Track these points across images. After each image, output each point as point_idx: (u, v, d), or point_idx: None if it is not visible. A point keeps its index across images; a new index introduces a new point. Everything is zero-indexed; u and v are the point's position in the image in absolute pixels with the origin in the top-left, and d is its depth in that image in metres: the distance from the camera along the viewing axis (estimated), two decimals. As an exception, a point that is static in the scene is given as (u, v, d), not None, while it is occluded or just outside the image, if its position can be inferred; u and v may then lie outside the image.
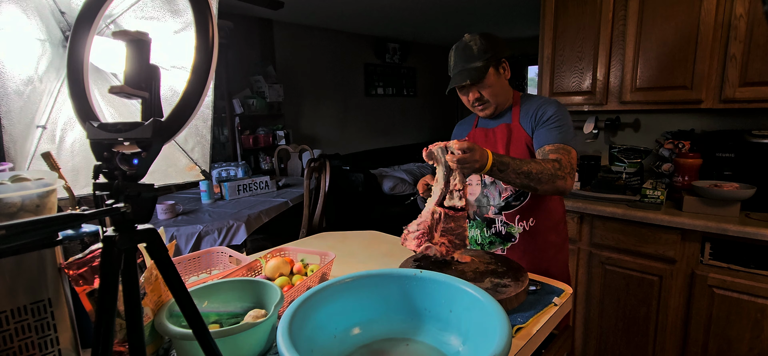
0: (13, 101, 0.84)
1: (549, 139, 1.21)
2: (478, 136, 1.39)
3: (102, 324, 0.51)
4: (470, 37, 1.27)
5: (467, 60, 1.25)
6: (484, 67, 1.23)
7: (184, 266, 1.15)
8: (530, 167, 1.08)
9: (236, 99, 4.18)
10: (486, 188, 1.35)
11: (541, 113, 1.26)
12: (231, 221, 2.39)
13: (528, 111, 1.30)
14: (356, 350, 0.82)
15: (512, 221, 1.32)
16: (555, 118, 1.23)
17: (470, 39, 1.26)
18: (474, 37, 1.26)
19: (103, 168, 0.52)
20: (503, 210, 1.34)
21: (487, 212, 1.36)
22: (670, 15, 1.93)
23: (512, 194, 1.31)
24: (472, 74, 1.23)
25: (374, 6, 4.22)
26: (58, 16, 0.90)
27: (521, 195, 1.32)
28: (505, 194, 1.32)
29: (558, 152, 1.17)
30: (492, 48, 1.25)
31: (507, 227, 1.33)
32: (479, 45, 1.24)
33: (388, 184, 4.90)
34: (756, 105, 1.80)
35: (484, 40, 1.25)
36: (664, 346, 1.94)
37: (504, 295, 0.96)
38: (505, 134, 1.32)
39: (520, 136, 1.30)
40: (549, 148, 1.19)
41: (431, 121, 7.00)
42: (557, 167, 1.12)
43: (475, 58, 1.24)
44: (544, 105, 1.27)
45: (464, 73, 1.24)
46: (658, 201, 1.94)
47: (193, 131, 1.02)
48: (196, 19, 0.52)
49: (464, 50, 1.26)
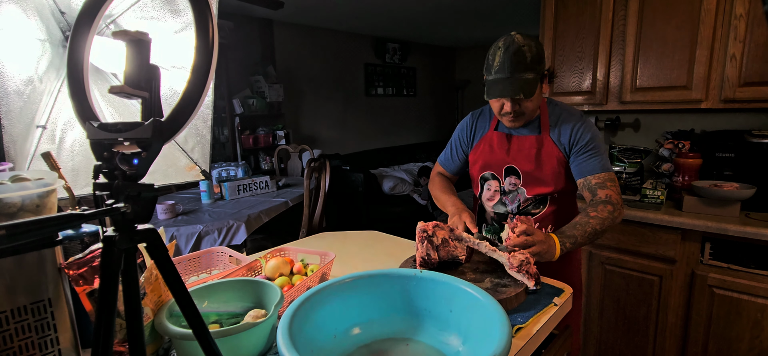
0: (13, 101, 0.84)
1: (593, 168, 1.20)
2: (499, 141, 1.33)
3: (102, 324, 0.51)
4: (523, 40, 1.13)
5: (519, 68, 1.12)
6: (536, 80, 1.13)
7: (184, 266, 1.15)
8: (594, 226, 1.11)
9: (236, 99, 4.18)
10: (504, 196, 1.33)
11: (577, 137, 1.22)
12: (231, 221, 2.39)
13: (559, 126, 1.26)
14: (356, 350, 0.82)
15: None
16: (593, 144, 1.21)
17: (524, 43, 1.12)
18: (528, 41, 1.13)
19: (103, 168, 0.52)
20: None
21: (505, 219, 1.34)
22: (670, 15, 1.93)
23: (531, 201, 1.29)
24: (524, 87, 1.11)
25: (374, 6, 4.22)
26: (58, 16, 0.90)
27: (540, 203, 1.29)
28: (525, 203, 1.30)
29: (605, 185, 1.18)
30: (543, 59, 1.16)
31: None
32: (534, 53, 1.12)
33: (388, 184, 4.90)
34: (756, 105, 1.80)
35: (537, 46, 1.14)
36: (664, 346, 1.94)
37: (504, 295, 0.96)
38: (534, 146, 1.27)
39: (551, 151, 1.25)
40: (595, 181, 1.19)
41: (431, 121, 7.00)
42: (612, 210, 1.14)
43: (529, 67, 1.12)
44: (582, 125, 1.23)
45: (516, 83, 1.12)
46: (658, 201, 1.94)
47: (193, 131, 1.02)
48: (196, 19, 0.52)
49: (516, 55, 1.11)
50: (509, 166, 1.30)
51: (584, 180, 1.22)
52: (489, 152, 1.35)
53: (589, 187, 1.20)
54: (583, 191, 1.25)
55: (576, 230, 1.10)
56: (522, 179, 1.29)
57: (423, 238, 1.10)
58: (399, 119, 6.49)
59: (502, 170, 1.32)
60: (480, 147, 1.38)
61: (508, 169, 1.31)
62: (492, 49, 1.18)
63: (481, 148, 1.38)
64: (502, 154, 1.32)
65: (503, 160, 1.32)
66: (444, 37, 6.21)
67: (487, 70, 1.20)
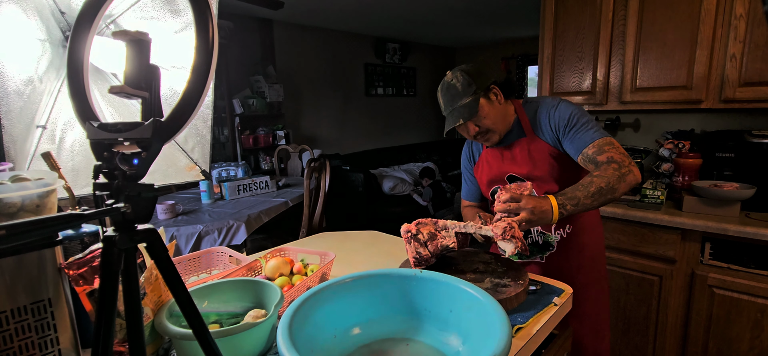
0: (13, 101, 0.84)
1: (585, 141, 1.16)
2: (493, 156, 1.34)
3: (102, 324, 0.51)
4: (451, 74, 1.24)
5: (454, 99, 1.22)
6: (474, 101, 1.20)
7: (184, 266, 1.15)
8: (598, 184, 1.04)
9: (236, 99, 4.18)
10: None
11: (557, 119, 1.21)
12: (231, 221, 2.39)
13: (538, 120, 1.26)
14: (356, 350, 0.82)
15: (548, 230, 1.30)
16: (575, 118, 1.19)
17: (452, 77, 1.24)
18: (455, 73, 1.23)
19: (103, 168, 0.52)
20: None
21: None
22: (670, 15, 1.93)
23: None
24: (463, 112, 1.20)
25: (374, 6, 4.22)
26: (58, 16, 0.90)
27: None
28: None
29: (602, 150, 1.12)
30: (476, 79, 1.21)
31: (543, 237, 1.29)
32: (462, 81, 1.21)
33: (388, 184, 4.90)
34: (756, 105, 1.80)
35: (465, 74, 1.22)
36: (664, 346, 1.94)
37: (504, 295, 0.96)
38: (524, 149, 1.27)
39: (540, 147, 1.25)
40: (591, 151, 1.14)
41: (431, 121, 7.00)
42: (617, 168, 1.07)
43: (461, 95, 1.21)
44: (555, 109, 1.22)
45: (455, 113, 1.21)
46: (658, 201, 1.94)
47: (193, 131, 1.02)
48: (196, 19, 0.52)
49: (449, 90, 1.23)
50: (510, 174, 1.31)
51: (582, 156, 1.17)
52: (488, 168, 1.36)
53: (588, 159, 1.16)
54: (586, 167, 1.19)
55: (578, 191, 1.04)
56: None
57: (408, 239, 1.09)
58: (399, 119, 6.49)
59: (504, 179, 1.32)
60: (480, 166, 1.41)
61: (511, 177, 1.31)
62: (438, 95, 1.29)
63: (481, 166, 1.40)
64: (497, 165, 1.33)
65: (502, 171, 1.32)
66: (444, 37, 6.21)
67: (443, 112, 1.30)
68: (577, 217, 1.31)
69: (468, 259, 1.20)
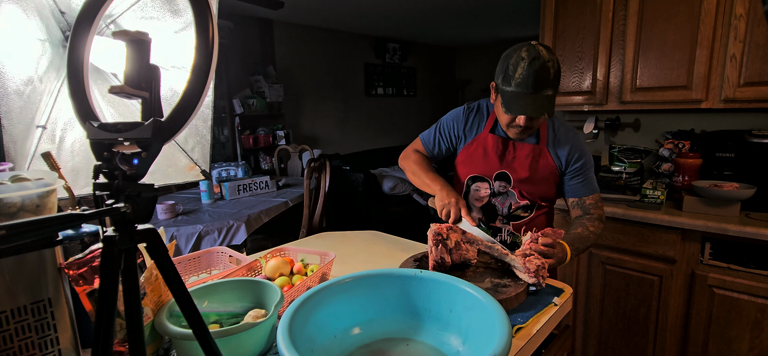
0: (13, 101, 0.84)
1: (587, 190, 1.31)
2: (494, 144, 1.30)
3: (102, 324, 0.51)
4: (548, 54, 1.07)
5: (543, 85, 1.07)
6: (554, 97, 1.09)
7: (184, 266, 1.15)
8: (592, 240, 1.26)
9: (236, 99, 4.18)
10: (495, 198, 1.34)
11: (575, 158, 1.29)
12: (231, 221, 2.39)
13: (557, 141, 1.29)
14: (356, 350, 0.82)
15: (519, 232, 1.34)
16: (589, 166, 1.31)
17: (548, 58, 1.07)
18: (552, 55, 1.07)
19: (103, 168, 0.52)
20: (511, 221, 1.34)
21: (494, 221, 1.36)
22: (670, 15, 1.93)
23: (520, 206, 1.32)
24: (548, 107, 1.08)
25: (374, 6, 4.22)
26: (58, 16, 0.90)
27: (529, 209, 1.32)
28: (514, 205, 1.33)
29: (597, 205, 1.32)
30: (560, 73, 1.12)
31: (513, 237, 1.34)
32: (556, 69, 1.08)
33: (388, 184, 4.90)
34: (756, 105, 1.79)
35: (558, 61, 1.09)
36: (664, 346, 1.94)
37: (504, 295, 0.96)
38: (531, 154, 1.27)
39: (547, 163, 1.29)
40: (589, 202, 1.32)
41: (431, 121, 6.96)
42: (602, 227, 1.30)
43: (551, 84, 1.08)
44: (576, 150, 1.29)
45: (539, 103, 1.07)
46: (658, 201, 1.93)
47: (193, 131, 1.02)
48: (196, 19, 0.52)
49: (541, 71, 1.06)
50: (503, 172, 1.31)
51: (578, 200, 1.33)
52: (482, 155, 1.31)
53: (582, 206, 1.32)
54: (573, 208, 1.35)
55: (581, 243, 1.22)
56: (513, 183, 1.31)
57: (437, 241, 1.05)
58: (399, 119, 6.49)
59: (493, 173, 1.32)
60: (472, 148, 1.33)
61: (501, 174, 1.31)
62: (513, 58, 1.10)
63: (473, 149, 1.33)
64: (495, 159, 1.30)
65: (496, 166, 1.31)
66: (444, 37, 6.21)
67: (505, 81, 1.12)
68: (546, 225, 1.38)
69: (468, 259, 1.20)
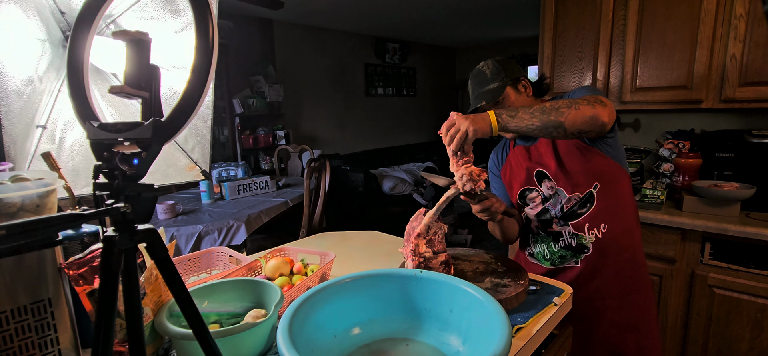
0: (13, 101, 0.84)
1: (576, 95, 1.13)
2: (521, 152, 1.31)
3: (102, 324, 0.51)
4: (483, 63, 1.28)
5: (481, 84, 1.25)
6: (500, 88, 1.22)
7: (184, 266, 1.15)
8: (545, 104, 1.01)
9: (236, 99, 4.18)
10: (547, 202, 1.27)
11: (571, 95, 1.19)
12: (231, 221, 2.39)
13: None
14: (356, 350, 0.82)
15: (582, 231, 1.22)
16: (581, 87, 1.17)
17: (483, 65, 1.28)
18: (486, 62, 1.28)
19: (103, 168, 0.52)
20: (569, 220, 1.23)
21: (550, 226, 1.27)
22: (670, 15, 1.93)
23: (576, 202, 1.21)
24: (486, 96, 1.22)
25: (374, 6, 4.22)
26: (58, 16, 0.90)
27: (587, 202, 1.20)
28: (568, 205, 1.22)
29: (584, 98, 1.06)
30: (505, 69, 1.24)
31: (577, 239, 1.22)
32: (492, 68, 1.25)
33: (388, 184, 4.90)
34: (756, 105, 1.80)
35: (496, 63, 1.26)
36: (664, 346, 1.94)
37: (504, 295, 0.96)
38: (549, 144, 1.24)
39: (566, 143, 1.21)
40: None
41: (431, 121, 7.00)
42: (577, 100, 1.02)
43: (489, 80, 1.24)
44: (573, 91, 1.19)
45: (480, 96, 1.24)
46: (658, 201, 1.93)
47: (193, 131, 1.02)
48: (196, 19, 0.52)
49: (478, 75, 1.27)
50: (538, 170, 1.26)
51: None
52: (516, 166, 1.32)
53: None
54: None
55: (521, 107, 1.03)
56: (554, 180, 1.24)
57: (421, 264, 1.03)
58: (399, 119, 6.49)
59: (533, 176, 1.27)
60: (507, 168, 1.37)
61: (539, 174, 1.26)
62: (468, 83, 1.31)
63: (508, 168, 1.36)
64: (525, 162, 1.29)
65: (529, 166, 1.28)
66: (444, 37, 6.21)
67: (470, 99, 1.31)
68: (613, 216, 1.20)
69: (468, 259, 1.20)
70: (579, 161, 1.19)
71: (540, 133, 1.02)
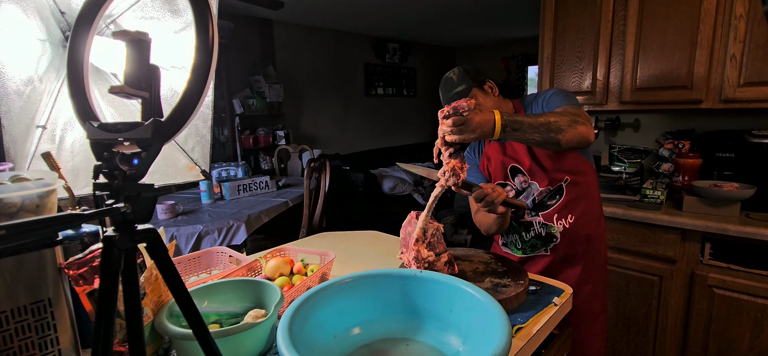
0: (13, 101, 0.84)
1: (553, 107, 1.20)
2: (496, 148, 1.36)
3: (102, 324, 0.51)
4: (450, 71, 1.34)
5: (450, 89, 1.31)
6: (467, 89, 1.28)
7: (184, 266, 1.15)
8: (547, 118, 1.05)
9: (236, 99, 4.18)
10: (520, 195, 1.34)
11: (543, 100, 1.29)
12: (231, 221, 2.39)
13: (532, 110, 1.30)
14: (356, 350, 0.82)
15: (551, 221, 1.30)
16: (556, 93, 1.26)
17: (450, 72, 1.34)
18: (453, 70, 1.34)
19: (103, 168, 0.52)
20: (539, 211, 1.31)
21: (522, 216, 1.34)
22: (670, 15, 1.93)
23: (546, 194, 1.30)
24: (456, 98, 1.26)
25: (374, 6, 4.22)
26: (58, 16, 0.90)
27: (556, 194, 1.29)
28: (539, 197, 1.30)
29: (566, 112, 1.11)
30: (470, 73, 1.30)
31: (546, 228, 1.31)
32: (458, 74, 1.31)
33: (388, 184, 4.90)
34: (756, 105, 1.80)
35: (462, 69, 1.32)
36: (664, 346, 1.94)
37: (504, 295, 0.96)
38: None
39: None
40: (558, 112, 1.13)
41: (431, 121, 6.99)
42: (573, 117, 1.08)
43: (456, 84, 1.30)
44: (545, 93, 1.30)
45: (450, 99, 1.29)
46: (658, 201, 1.93)
47: (193, 131, 1.02)
48: (196, 19, 0.52)
49: (446, 83, 1.33)
50: (512, 165, 1.32)
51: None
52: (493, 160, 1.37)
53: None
54: None
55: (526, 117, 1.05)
56: (527, 174, 1.31)
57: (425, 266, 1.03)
58: (399, 119, 6.49)
59: (507, 171, 1.33)
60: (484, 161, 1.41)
61: (513, 169, 1.32)
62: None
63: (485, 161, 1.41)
64: (500, 156, 1.35)
65: (504, 160, 1.33)
66: (444, 37, 6.21)
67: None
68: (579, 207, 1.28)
69: (468, 259, 1.20)
70: (552, 158, 1.27)
71: (537, 145, 1.10)
